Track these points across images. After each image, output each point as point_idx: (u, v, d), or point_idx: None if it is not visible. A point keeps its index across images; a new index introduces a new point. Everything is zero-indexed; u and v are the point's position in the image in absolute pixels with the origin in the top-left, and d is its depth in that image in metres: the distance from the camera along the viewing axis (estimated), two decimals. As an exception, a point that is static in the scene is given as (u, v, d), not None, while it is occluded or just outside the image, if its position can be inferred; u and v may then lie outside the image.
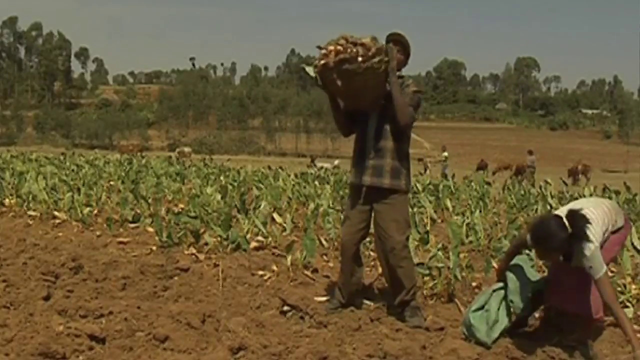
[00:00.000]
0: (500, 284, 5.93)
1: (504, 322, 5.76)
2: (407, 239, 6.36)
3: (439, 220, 11.63)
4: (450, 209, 12.56)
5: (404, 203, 6.41)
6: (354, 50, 5.98)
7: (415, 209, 11.44)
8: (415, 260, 7.14)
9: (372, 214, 6.41)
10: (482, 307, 5.86)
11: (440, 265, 7.02)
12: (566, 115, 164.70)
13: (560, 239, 5.30)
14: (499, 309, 5.81)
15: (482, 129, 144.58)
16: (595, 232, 5.36)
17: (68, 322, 5.29)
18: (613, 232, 5.67)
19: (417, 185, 15.83)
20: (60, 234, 10.43)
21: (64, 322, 5.22)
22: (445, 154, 44.87)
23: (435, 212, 12.03)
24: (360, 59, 5.96)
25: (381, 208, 6.30)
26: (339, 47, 6.01)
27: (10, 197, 12.88)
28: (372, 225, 6.45)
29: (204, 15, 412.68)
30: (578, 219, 5.35)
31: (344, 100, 6.43)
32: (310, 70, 6.40)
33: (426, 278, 7.02)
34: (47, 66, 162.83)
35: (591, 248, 5.27)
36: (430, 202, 12.26)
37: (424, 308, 6.57)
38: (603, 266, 5.28)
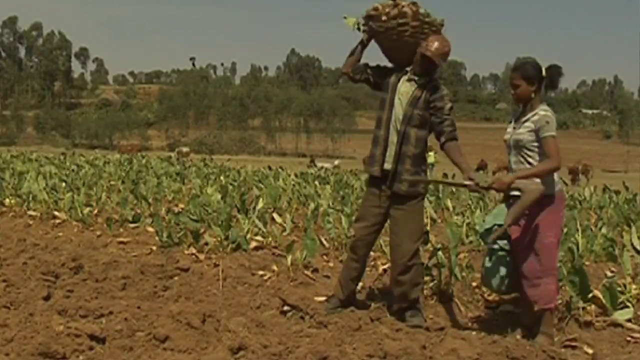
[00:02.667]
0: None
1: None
2: (419, 247, 6.34)
3: (439, 220, 11.63)
4: (451, 209, 12.55)
5: (420, 210, 6.40)
6: (385, 10, 6.16)
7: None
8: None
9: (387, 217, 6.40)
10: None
11: (440, 265, 7.02)
12: (566, 115, 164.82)
13: (535, 68, 5.74)
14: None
15: (482, 129, 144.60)
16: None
17: (68, 322, 5.28)
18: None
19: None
20: (61, 234, 10.44)
21: (64, 322, 5.22)
22: (432, 154, 42.17)
23: (435, 212, 12.02)
24: (383, 18, 6.16)
25: (397, 214, 6.29)
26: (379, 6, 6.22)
27: (11, 197, 12.89)
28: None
29: (204, 15, 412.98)
30: (555, 72, 5.77)
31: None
32: (351, 20, 6.64)
33: (426, 278, 7.02)
34: (47, 66, 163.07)
35: (548, 113, 5.65)
36: (430, 202, 12.25)
37: (425, 308, 6.57)
38: (554, 131, 5.63)
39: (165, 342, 5.08)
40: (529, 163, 5.75)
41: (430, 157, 41.07)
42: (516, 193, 5.66)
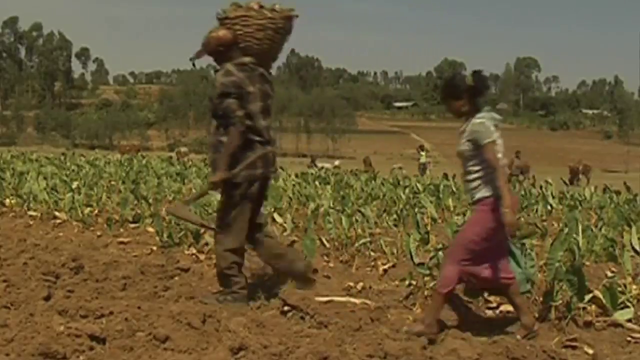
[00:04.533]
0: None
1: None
2: (226, 236, 6.66)
3: (440, 220, 11.63)
4: (452, 208, 12.56)
5: (231, 199, 6.66)
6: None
7: (416, 209, 11.44)
8: (416, 260, 7.15)
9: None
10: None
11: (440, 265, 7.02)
12: (567, 115, 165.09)
13: (456, 83, 6.03)
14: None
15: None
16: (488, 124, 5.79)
17: (68, 322, 5.28)
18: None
19: (418, 185, 15.81)
20: (61, 234, 10.46)
21: (65, 322, 5.22)
22: (423, 154, 41.61)
23: (435, 211, 12.02)
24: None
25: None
26: None
27: (11, 197, 12.92)
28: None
29: (205, 15, 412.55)
30: (478, 78, 5.94)
31: None
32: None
33: (427, 278, 7.02)
34: (48, 66, 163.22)
35: (479, 120, 5.79)
36: (431, 202, 12.25)
37: (425, 308, 6.58)
38: (491, 139, 5.72)
39: (165, 342, 5.08)
40: (473, 172, 5.88)
41: (422, 157, 40.94)
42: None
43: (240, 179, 6.49)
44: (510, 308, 6.52)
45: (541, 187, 18.26)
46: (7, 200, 12.85)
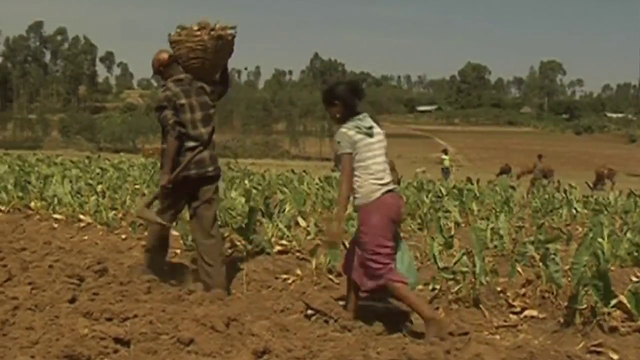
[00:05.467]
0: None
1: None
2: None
3: (464, 225, 11.58)
4: (475, 212, 12.51)
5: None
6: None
7: (439, 213, 11.40)
8: (440, 264, 7.13)
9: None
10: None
11: (464, 269, 6.99)
12: (591, 119, 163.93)
13: (330, 92, 6.46)
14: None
15: (506, 132, 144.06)
16: (355, 134, 6.21)
17: (93, 324, 5.31)
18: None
19: (442, 189, 15.76)
20: (86, 237, 10.50)
21: (89, 325, 5.24)
22: (446, 157, 41.65)
23: (459, 215, 11.97)
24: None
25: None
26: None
27: (36, 200, 12.96)
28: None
29: (228, 19, 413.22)
30: (353, 88, 6.47)
31: None
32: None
33: (450, 282, 7.00)
34: (73, 70, 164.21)
35: (342, 130, 6.22)
36: (455, 206, 12.21)
37: (449, 313, 6.57)
38: (347, 149, 6.14)
39: (189, 345, 5.09)
40: (357, 177, 6.23)
41: (446, 161, 40.91)
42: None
43: (175, 179, 7.33)
44: (535, 312, 6.51)
45: (565, 191, 18.17)
46: (33, 203, 12.90)
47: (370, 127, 6.32)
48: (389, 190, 6.22)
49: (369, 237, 6.18)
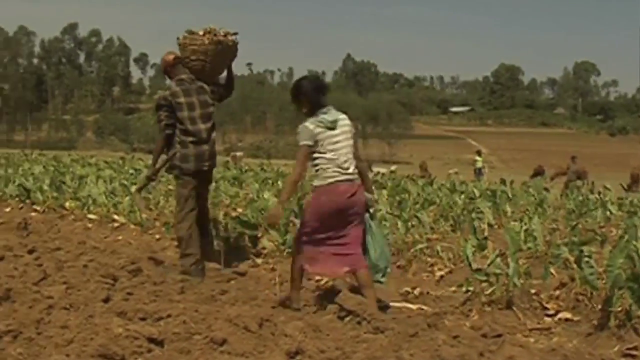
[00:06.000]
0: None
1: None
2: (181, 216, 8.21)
3: (497, 226, 11.52)
4: (509, 214, 12.44)
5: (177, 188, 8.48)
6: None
7: (473, 214, 11.35)
8: (473, 266, 7.10)
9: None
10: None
11: (498, 271, 6.95)
12: (625, 120, 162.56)
13: (294, 89, 6.93)
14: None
15: (539, 134, 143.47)
16: (318, 127, 6.66)
17: (127, 324, 5.34)
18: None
19: (475, 190, 15.69)
20: (120, 237, 10.58)
21: (123, 325, 5.27)
22: (479, 159, 41.62)
23: (493, 217, 11.90)
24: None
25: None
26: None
27: (71, 201, 13.07)
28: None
29: (261, 21, 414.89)
30: (313, 84, 6.92)
31: None
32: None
33: (484, 284, 6.97)
34: (107, 71, 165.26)
35: (305, 124, 6.71)
36: (488, 207, 12.14)
37: (483, 315, 6.54)
38: (305, 141, 6.65)
39: (222, 345, 5.11)
40: (312, 165, 6.80)
41: (479, 162, 40.72)
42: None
43: (179, 172, 8.17)
44: (569, 315, 6.46)
45: (599, 193, 18.01)
46: (67, 204, 13.01)
47: (334, 121, 6.76)
48: (347, 180, 6.61)
49: (307, 217, 6.79)
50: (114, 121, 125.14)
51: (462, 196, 14.20)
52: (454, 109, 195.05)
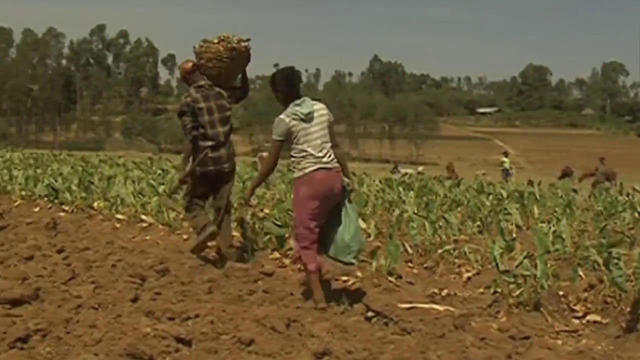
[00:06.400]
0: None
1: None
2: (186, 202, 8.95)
3: (525, 228, 11.47)
4: (536, 216, 12.38)
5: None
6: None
7: (500, 216, 11.32)
8: (501, 267, 7.07)
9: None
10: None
11: (526, 273, 6.92)
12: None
13: (272, 79, 7.19)
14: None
15: (567, 135, 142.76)
16: (291, 118, 6.90)
17: (155, 324, 5.36)
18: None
19: (502, 191, 15.63)
20: (148, 237, 10.61)
21: (151, 324, 5.30)
22: (506, 160, 41.53)
23: (520, 219, 11.85)
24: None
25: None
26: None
27: (99, 201, 13.14)
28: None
29: (288, 22, 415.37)
30: (284, 76, 7.16)
31: None
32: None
33: (512, 286, 6.94)
34: (135, 73, 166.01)
35: (280, 117, 6.97)
36: (516, 209, 12.09)
37: (511, 317, 6.52)
38: (278, 136, 6.94)
39: (250, 345, 5.12)
40: (289, 157, 7.09)
41: (506, 163, 40.51)
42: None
43: (197, 173, 8.58)
44: (597, 317, 6.43)
45: (628, 195, 17.90)
46: (96, 204, 13.08)
47: (309, 113, 6.93)
48: (324, 168, 6.86)
49: (296, 211, 7.05)
50: (141, 122, 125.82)
51: (490, 197, 14.16)
52: (481, 110, 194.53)
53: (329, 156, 6.93)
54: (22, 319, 5.46)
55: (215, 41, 8.67)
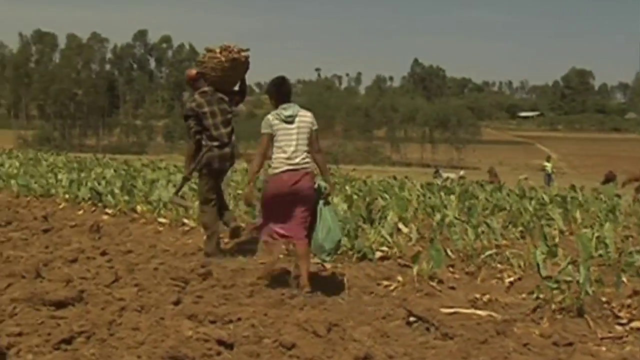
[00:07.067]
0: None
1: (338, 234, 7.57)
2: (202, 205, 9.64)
3: (567, 233, 11.37)
4: (579, 221, 12.27)
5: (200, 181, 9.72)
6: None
7: (543, 221, 11.23)
8: (544, 273, 7.02)
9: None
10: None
11: (569, 279, 6.87)
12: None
13: (268, 86, 7.87)
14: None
15: (610, 139, 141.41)
16: (278, 120, 7.56)
17: (197, 327, 5.40)
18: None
19: (544, 196, 15.51)
20: (190, 240, 10.65)
21: (194, 327, 5.33)
22: (549, 164, 41.40)
23: (563, 224, 11.75)
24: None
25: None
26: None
27: (142, 204, 13.21)
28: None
29: (329, 26, 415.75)
30: (274, 83, 7.81)
31: None
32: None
33: (554, 292, 6.88)
34: (177, 77, 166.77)
35: (267, 116, 7.70)
36: (558, 214, 11.99)
37: (553, 322, 6.47)
38: (265, 130, 7.56)
39: (291, 349, 5.14)
40: (273, 155, 7.61)
41: (548, 168, 40.35)
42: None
43: (205, 170, 9.39)
44: (640, 324, 6.37)
45: (673, 200, 17.70)
46: (139, 207, 13.15)
47: (291, 115, 7.56)
48: (291, 170, 7.44)
49: (262, 207, 7.78)
50: (183, 126, 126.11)
51: (532, 202, 14.04)
52: (523, 114, 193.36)
53: (302, 159, 7.52)
54: (66, 321, 5.53)
55: (218, 51, 9.51)
